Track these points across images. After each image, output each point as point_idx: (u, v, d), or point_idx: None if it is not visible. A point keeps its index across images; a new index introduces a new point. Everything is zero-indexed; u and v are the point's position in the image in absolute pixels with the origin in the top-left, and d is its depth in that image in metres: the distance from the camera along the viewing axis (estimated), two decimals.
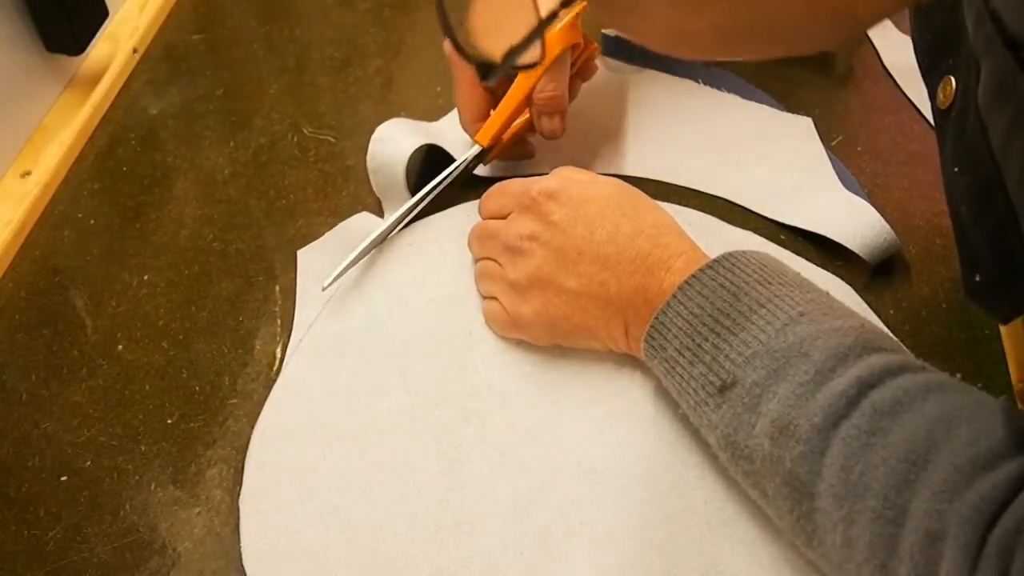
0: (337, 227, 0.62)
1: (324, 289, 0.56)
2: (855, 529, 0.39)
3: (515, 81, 0.60)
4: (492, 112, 0.61)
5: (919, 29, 0.52)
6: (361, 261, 0.59)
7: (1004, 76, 0.37)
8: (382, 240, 0.59)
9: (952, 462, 0.37)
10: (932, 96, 0.48)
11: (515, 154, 0.64)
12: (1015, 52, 0.36)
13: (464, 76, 0.61)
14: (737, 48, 0.32)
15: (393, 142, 0.61)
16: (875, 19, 0.30)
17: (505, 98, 0.60)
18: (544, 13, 0.30)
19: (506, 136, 0.61)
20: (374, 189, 0.63)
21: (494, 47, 0.32)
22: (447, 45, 0.61)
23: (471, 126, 0.62)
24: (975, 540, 0.35)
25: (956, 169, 0.44)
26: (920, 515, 0.37)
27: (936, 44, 0.48)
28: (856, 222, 0.59)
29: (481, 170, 0.64)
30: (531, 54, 0.33)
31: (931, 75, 0.49)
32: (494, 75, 0.32)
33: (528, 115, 0.62)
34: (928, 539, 0.37)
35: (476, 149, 0.60)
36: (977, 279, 0.43)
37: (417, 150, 0.61)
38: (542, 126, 0.62)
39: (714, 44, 0.31)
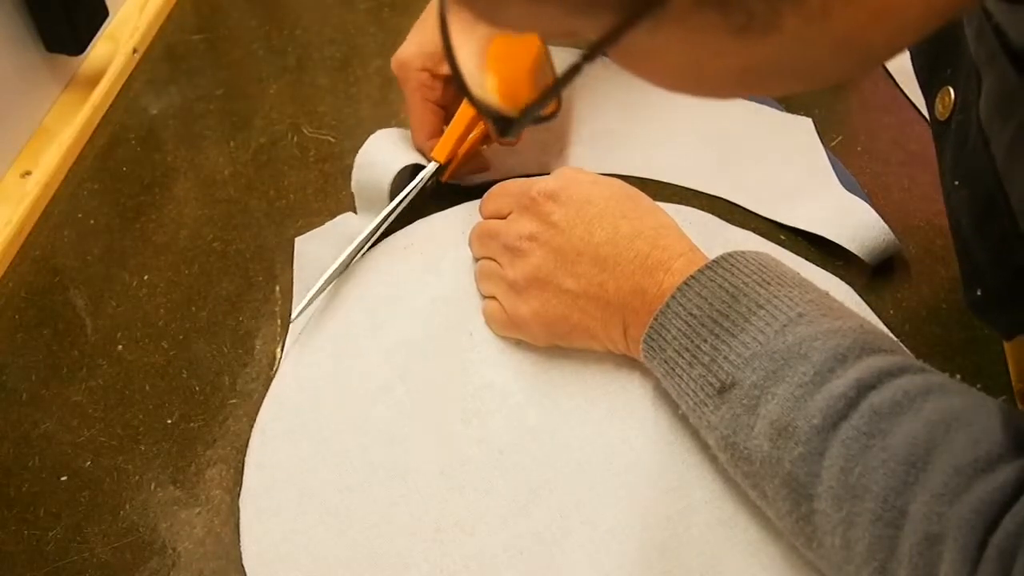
0: (338, 218, 0.62)
1: (292, 320, 0.56)
2: (854, 531, 0.39)
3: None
4: (443, 127, 0.61)
5: None
6: (361, 259, 0.59)
7: (1008, 90, 0.37)
8: (347, 265, 0.58)
9: (952, 464, 0.37)
10: (930, 107, 0.47)
11: (471, 168, 0.63)
12: (1019, 67, 0.36)
13: (415, 95, 0.60)
14: (758, 87, 0.31)
15: (375, 168, 0.61)
16: (895, 53, 0.30)
17: (458, 113, 0.60)
18: (561, 67, 0.29)
19: (461, 151, 0.61)
20: (356, 207, 0.62)
21: (507, 100, 0.31)
22: (394, 62, 0.60)
23: (425, 144, 0.61)
24: (975, 543, 0.35)
25: (956, 182, 0.44)
26: (919, 518, 0.37)
27: (934, 54, 0.47)
28: (855, 223, 0.59)
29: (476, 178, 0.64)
30: (548, 105, 0.32)
31: (929, 85, 0.48)
32: (513, 130, 0.31)
33: (481, 128, 0.61)
34: (927, 542, 0.37)
35: (433, 166, 0.60)
36: (979, 293, 0.43)
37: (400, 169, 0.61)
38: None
39: (735, 85, 0.30)
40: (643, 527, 0.48)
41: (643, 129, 0.67)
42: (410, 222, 0.61)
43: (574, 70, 0.27)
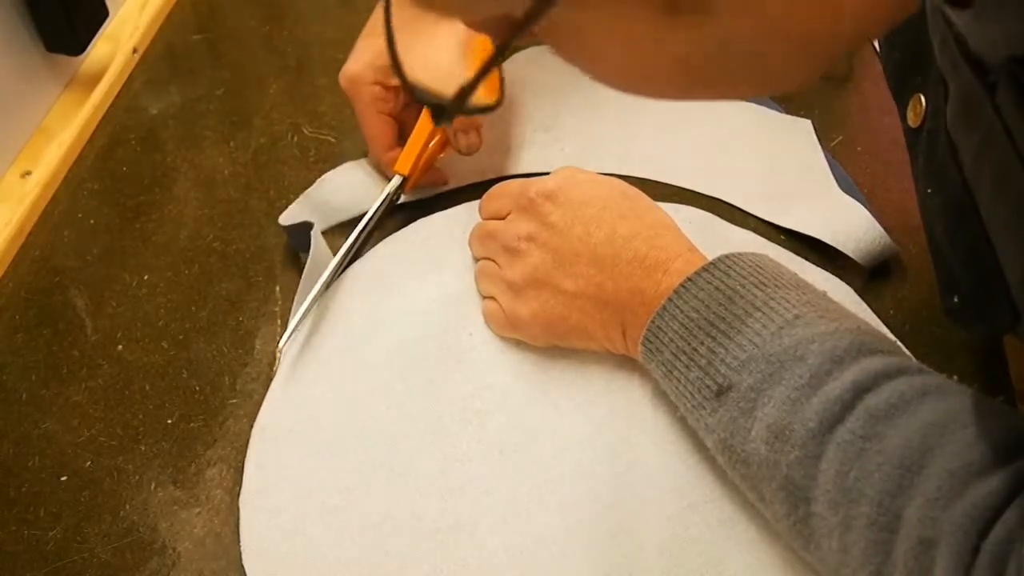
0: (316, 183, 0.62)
1: (280, 350, 0.55)
2: (850, 535, 0.39)
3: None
4: (398, 139, 0.61)
5: (887, 47, 0.51)
6: (362, 259, 0.59)
7: (971, 98, 0.37)
8: (325, 288, 0.57)
9: (946, 468, 0.37)
10: (902, 114, 0.47)
11: (428, 181, 0.63)
12: (981, 75, 0.36)
13: (367, 108, 0.60)
14: (702, 85, 0.30)
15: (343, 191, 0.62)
16: (841, 46, 0.29)
17: (419, 124, 0.60)
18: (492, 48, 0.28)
19: (421, 162, 0.61)
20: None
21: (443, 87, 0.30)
22: (344, 79, 0.60)
23: (382, 156, 0.61)
24: (968, 548, 0.35)
25: (929, 189, 0.44)
26: (914, 522, 0.37)
27: (904, 62, 0.47)
28: (851, 226, 0.59)
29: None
30: (489, 95, 0.32)
31: (900, 93, 0.48)
32: (447, 118, 0.30)
33: (439, 140, 0.61)
34: (921, 546, 0.37)
35: (397, 180, 0.60)
36: (955, 300, 0.43)
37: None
38: (460, 143, 0.61)
39: (676, 80, 0.29)
40: (643, 527, 0.48)
41: (643, 129, 0.67)
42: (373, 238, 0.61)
43: (503, 48, 0.26)
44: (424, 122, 0.60)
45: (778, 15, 0.26)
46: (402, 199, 0.62)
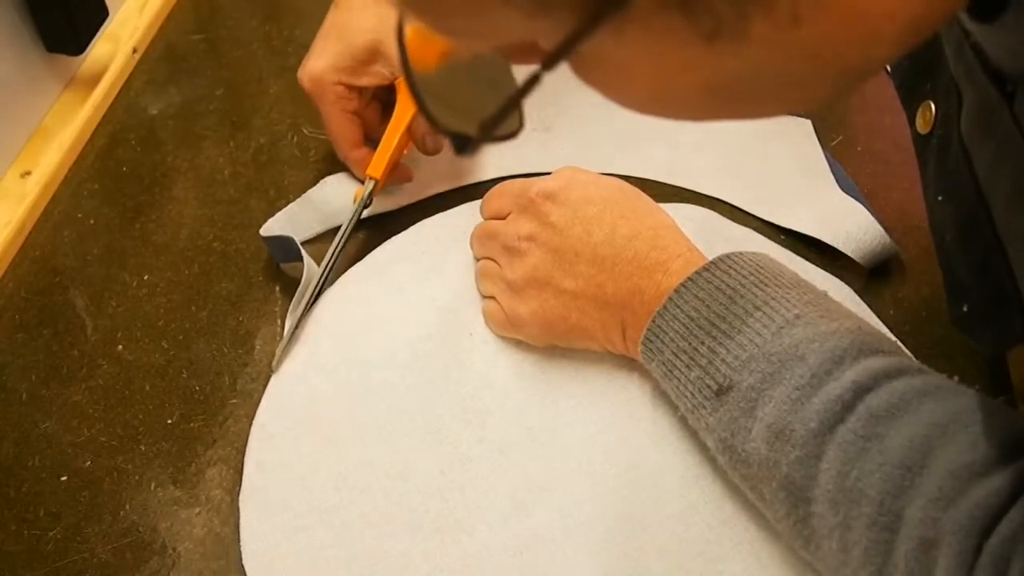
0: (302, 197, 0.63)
1: (274, 370, 0.55)
2: (851, 535, 0.39)
3: (396, 108, 0.60)
4: (364, 137, 0.61)
5: None
6: (363, 259, 0.60)
7: (988, 107, 0.36)
8: (311, 302, 0.57)
9: (948, 468, 0.37)
10: (911, 121, 0.47)
11: (396, 178, 0.63)
12: (999, 84, 0.35)
13: (334, 109, 0.60)
14: (729, 107, 0.30)
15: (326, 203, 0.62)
16: (872, 70, 0.29)
17: (389, 127, 0.60)
18: (520, 80, 0.28)
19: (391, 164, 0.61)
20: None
21: (464, 118, 0.30)
22: (306, 78, 0.60)
23: (349, 155, 0.61)
24: (970, 548, 0.35)
25: (940, 197, 0.44)
26: (915, 522, 0.37)
27: (914, 69, 0.47)
28: (851, 226, 0.59)
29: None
30: (509, 123, 0.31)
31: (910, 100, 0.48)
32: (471, 148, 0.30)
33: (404, 139, 0.61)
34: (923, 547, 0.37)
35: (371, 184, 0.60)
36: (965, 309, 0.43)
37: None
38: (427, 145, 0.61)
39: (704, 104, 0.29)
40: (643, 527, 0.48)
41: (643, 129, 0.67)
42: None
43: (533, 81, 0.26)
44: (395, 126, 0.60)
45: (816, 44, 0.25)
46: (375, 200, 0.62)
